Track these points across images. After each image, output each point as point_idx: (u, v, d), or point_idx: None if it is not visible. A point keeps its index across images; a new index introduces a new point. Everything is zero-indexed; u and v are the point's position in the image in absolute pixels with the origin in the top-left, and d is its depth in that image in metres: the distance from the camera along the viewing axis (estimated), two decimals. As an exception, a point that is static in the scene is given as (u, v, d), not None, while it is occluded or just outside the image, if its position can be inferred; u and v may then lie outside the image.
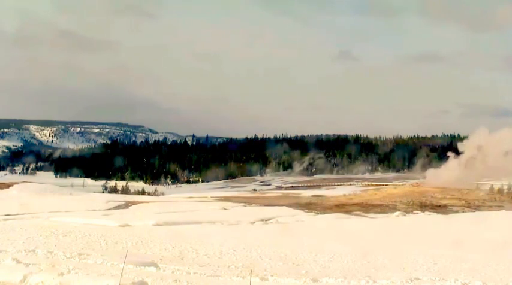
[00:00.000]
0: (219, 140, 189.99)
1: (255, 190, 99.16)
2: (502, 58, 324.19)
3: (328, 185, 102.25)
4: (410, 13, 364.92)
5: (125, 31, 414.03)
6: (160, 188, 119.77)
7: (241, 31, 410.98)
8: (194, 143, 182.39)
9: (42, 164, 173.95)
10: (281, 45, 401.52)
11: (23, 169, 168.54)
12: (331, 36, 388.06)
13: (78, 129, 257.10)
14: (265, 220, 35.38)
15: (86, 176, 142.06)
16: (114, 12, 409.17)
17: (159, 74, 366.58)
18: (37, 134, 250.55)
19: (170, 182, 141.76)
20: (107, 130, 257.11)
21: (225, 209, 45.39)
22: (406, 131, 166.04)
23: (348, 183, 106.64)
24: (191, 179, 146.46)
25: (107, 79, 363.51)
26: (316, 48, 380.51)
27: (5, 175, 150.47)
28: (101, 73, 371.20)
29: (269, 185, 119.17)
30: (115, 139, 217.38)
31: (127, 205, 48.05)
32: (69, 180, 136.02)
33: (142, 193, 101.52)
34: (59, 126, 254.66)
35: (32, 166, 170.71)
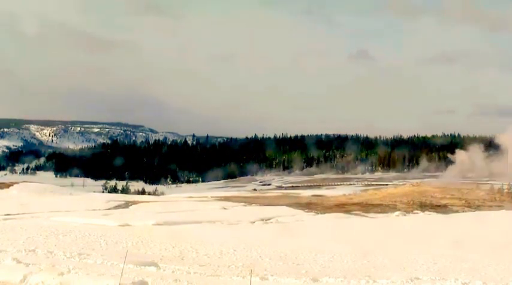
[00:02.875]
0: (219, 140, 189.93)
1: (255, 189, 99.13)
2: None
3: (328, 185, 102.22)
4: (428, 14, 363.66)
5: (126, 31, 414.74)
6: (160, 188, 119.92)
7: (254, 31, 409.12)
8: (194, 143, 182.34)
9: (42, 164, 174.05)
10: (294, 45, 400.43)
11: (23, 169, 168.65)
12: (346, 36, 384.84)
13: (78, 128, 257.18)
14: (265, 220, 35.34)
15: (86, 176, 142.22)
16: (119, 11, 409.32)
17: (160, 74, 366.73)
18: (37, 134, 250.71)
19: (170, 182, 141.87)
20: (107, 130, 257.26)
21: (225, 208, 45.33)
22: (408, 131, 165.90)
23: (348, 183, 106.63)
24: (191, 179, 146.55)
25: (109, 79, 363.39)
26: (328, 48, 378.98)
27: (5, 175, 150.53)
28: (103, 73, 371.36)
29: (269, 185, 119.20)
30: (115, 139, 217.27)
31: (127, 204, 47.98)
32: (69, 180, 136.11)
33: (142, 192, 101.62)
34: (59, 125, 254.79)
35: (32, 166, 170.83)
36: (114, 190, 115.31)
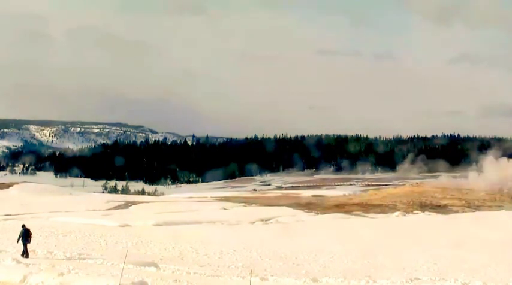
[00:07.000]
0: (219, 140, 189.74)
1: (255, 190, 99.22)
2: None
3: (328, 185, 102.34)
4: (453, 16, 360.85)
5: (124, 28, 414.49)
6: (160, 188, 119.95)
7: (268, 30, 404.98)
8: (194, 143, 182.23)
9: (42, 164, 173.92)
10: (307, 44, 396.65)
11: (23, 169, 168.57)
12: (369, 36, 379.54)
13: (78, 129, 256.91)
14: (265, 220, 35.37)
15: (86, 176, 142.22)
16: (121, 11, 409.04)
17: (160, 73, 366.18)
18: (37, 134, 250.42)
19: (170, 183, 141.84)
20: (107, 130, 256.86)
21: (225, 209, 45.39)
22: (408, 131, 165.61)
23: (348, 183, 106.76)
24: (191, 180, 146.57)
25: (110, 79, 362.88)
26: (343, 48, 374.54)
27: (5, 175, 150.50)
28: (104, 73, 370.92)
29: (269, 185, 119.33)
30: (115, 139, 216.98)
31: (127, 205, 48.08)
32: (69, 180, 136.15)
33: (142, 193, 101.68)
34: (59, 126, 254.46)
35: (32, 166, 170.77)
36: (114, 190, 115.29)
